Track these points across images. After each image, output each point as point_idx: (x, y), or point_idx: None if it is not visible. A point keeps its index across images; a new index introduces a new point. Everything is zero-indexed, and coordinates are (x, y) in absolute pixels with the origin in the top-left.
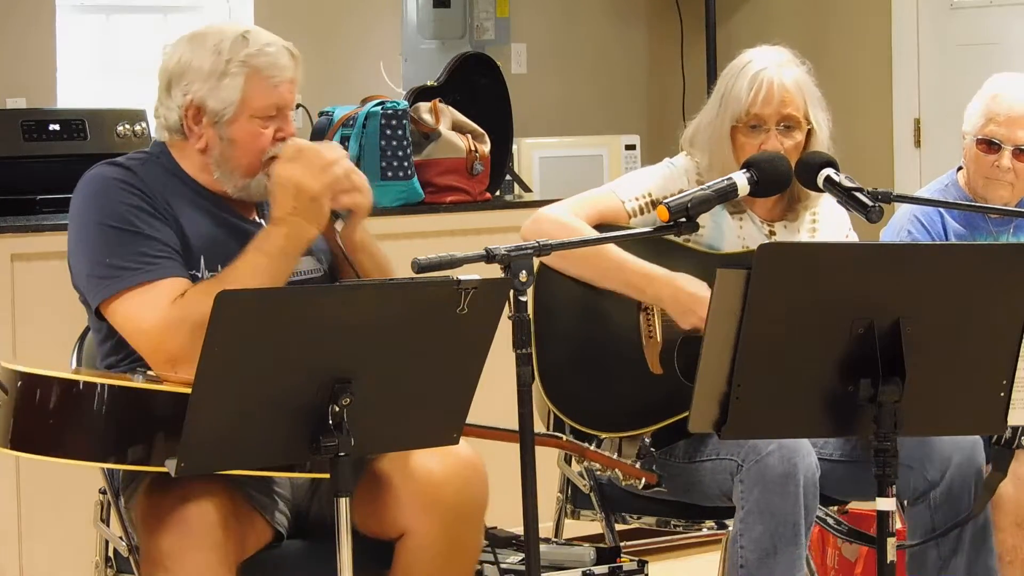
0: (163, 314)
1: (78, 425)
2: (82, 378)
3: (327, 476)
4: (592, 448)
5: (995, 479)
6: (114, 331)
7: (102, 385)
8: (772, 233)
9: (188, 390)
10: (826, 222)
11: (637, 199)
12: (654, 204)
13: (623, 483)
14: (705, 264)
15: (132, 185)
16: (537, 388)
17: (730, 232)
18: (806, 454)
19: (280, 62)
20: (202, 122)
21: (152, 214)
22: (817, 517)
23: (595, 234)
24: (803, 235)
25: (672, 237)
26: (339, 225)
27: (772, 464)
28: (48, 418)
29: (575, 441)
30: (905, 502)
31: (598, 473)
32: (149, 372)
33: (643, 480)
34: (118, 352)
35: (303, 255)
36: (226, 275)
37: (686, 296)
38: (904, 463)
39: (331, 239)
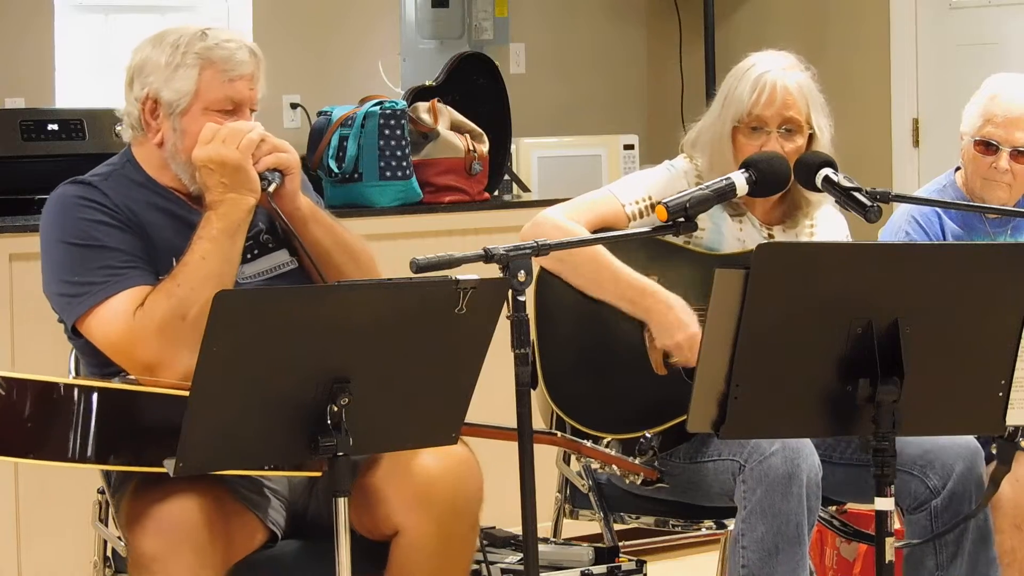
0: (127, 325)
1: (58, 427)
2: (62, 380)
3: (317, 474)
4: (589, 444)
5: (1000, 472)
6: (91, 344)
7: (81, 387)
8: (771, 236)
9: (171, 391)
10: (824, 227)
11: (637, 202)
12: (654, 207)
13: (625, 480)
14: (704, 265)
15: (92, 200)
16: (541, 391)
17: (730, 234)
18: (809, 454)
19: (237, 57)
20: (159, 115)
21: (114, 225)
22: (822, 519)
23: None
24: (801, 240)
25: (672, 238)
26: (271, 188)
27: (775, 464)
28: (27, 421)
29: (571, 438)
30: (904, 508)
31: (597, 471)
32: (129, 377)
33: (641, 476)
34: (99, 365)
35: (277, 249)
36: (178, 272)
37: (674, 318)
38: (907, 470)
39: (273, 214)
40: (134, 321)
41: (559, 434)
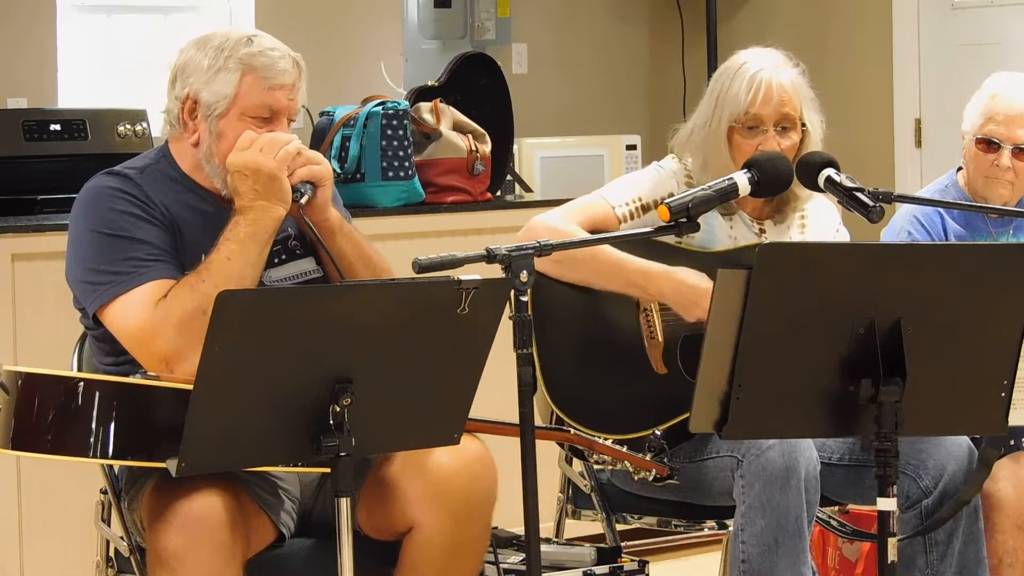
0: (147, 316)
1: (79, 423)
2: (82, 376)
3: (329, 470)
4: (601, 441)
5: (991, 455)
6: (109, 334)
7: (102, 383)
8: (762, 231)
9: (187, 386)
10: (815, 219)
11: (627, 204)
12: (644, 208)
13: (635, 477)
14: (698, 264)
15: (126, 192)
16: (541, 393)
17: (721, 232)
18: (807, 448)
19: (279, 66)
20: (197, 116)
21: (145, 219)
22: (820, 519)
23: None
24: (793, 233)
25: (664, 238)
26: (303, 200)
27: (773, 458)
28: (49, 417)
29: (583, 434)
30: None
31: (608, 468)
32: (148, 373)
33: (653, 472)
34: (114, 354)
35: (304, 256)
36: (203, 268)
37: (687, 289)
38: (900, 469)
39: (302, 224)
40: (155, 312)
41: (571, 430)
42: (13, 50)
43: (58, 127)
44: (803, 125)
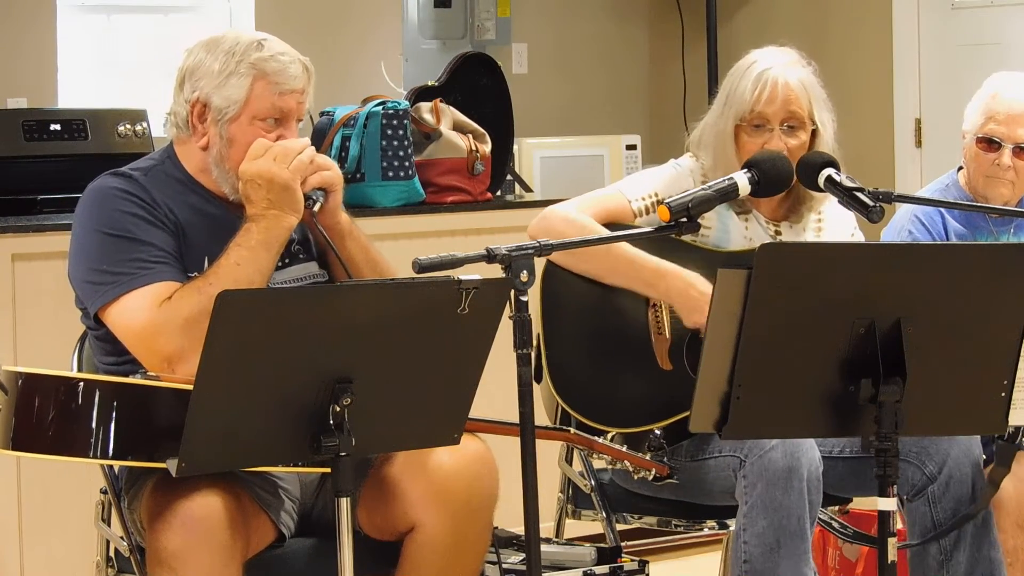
0: (151, 316)
1: (79, 424)
2: (82, 376)
3: (329, 470)
4: (601, 440)
5: (999, 474)
6: (111, 334)
7: (102, 383)
8: (778, 233)
9: (187, 386)
10: (832, 222)
11: (643, 199)
12: (660, 203)
13: (635, 476)
14: (711, 262)
15: (131, 193)
16: (546, 383)
17: (736, 232)
18: (809, 448)
19: (290, 71)
20: (207, 120)
21: (150, 221)
22: (821, 520)
23: (602, 232)
24: (808, 235)
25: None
26: (316, 207)
27: (775, 459)
28: (48, 417)
29: (583, 434)
30: (904, 498)
31: (608, 468)
32: (148, 373)
33: (653, 471)
34: (116, 354)
35: (308, 260)
36: (211, 272)
37: (697, 293)
38: (903, 458)
39: (313, 229)
40: (159, 312)
41: (571, 430)
42: (13, 50)
43: (58, 127)
44: (814, 124)
